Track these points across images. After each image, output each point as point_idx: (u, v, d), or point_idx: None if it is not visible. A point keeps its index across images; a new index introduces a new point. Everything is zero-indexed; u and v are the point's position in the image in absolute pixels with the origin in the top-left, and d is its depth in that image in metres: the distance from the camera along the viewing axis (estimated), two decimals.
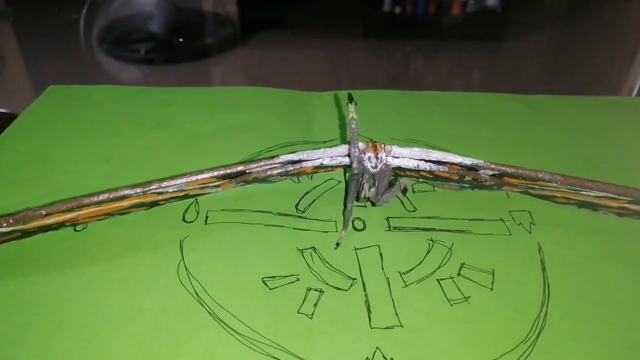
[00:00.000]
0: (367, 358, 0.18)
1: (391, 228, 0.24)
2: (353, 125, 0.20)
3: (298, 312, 0.19)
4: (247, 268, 0.21)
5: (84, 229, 0.23)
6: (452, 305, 0.20)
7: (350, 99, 0.19)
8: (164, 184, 0.20)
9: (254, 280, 0.21)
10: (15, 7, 0.55)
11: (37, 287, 0.20)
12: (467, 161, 0.21)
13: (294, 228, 0.23)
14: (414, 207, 0.25)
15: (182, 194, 0.22)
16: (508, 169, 0.21)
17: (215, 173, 0.20)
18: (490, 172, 0.22)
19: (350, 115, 0.19)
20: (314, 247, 0.22)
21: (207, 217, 0.24)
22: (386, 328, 0.19)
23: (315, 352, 0.18)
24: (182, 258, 0.21)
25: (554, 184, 0.21)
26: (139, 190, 0.20)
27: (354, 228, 0.23)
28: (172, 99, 0.35)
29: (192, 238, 0.23)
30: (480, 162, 0.21)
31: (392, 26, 0.55)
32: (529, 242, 0.23)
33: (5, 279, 0.20)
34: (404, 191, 0.20)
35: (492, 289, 0.21)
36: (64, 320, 0.18)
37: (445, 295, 0.20)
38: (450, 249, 0.23)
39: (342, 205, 0.24)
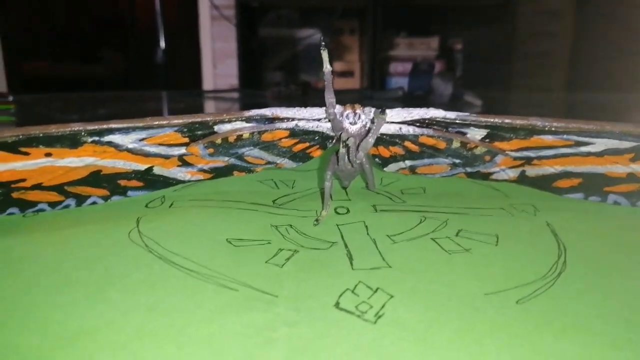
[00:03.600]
0: (347, 289, 0.15)
1: (378, 211, 0.21)
2: (327, 77, 0.19)
3: (266, 262, 0.16)
4: (209, 231, 0.19)
5: (34, 215, 0.21)
6: (450, 254, 0.17)
7: (323, 44, 0.19)
8: (121, 125, 0.18)
9: (216, 239, 0.18)
10: None
11: None
12: (451, 114, 0.20)
13: (269, 212, 0.21)
14: (403, 201, 0.23)
15: (143, 164, 0.20)
16: (496, 119, 0.19)
17: (181, 121, 0.19)
18: (478, 134, 0.20)
19: (325, 65, 0.19)
20: (290, 225, 0.20)
21: (171, 204, 0.22)
22: (371, 269, 0.16)
23: (283, 287, 0.15)
24: (137, 226, 0.19)
25: (549, 137, 0.20)
26: (94, 137, 0.18)
27: (336, 212, 0.21)
28: None
29: (152, 214, 0.20)
30: (464, 114, 0.20)
31: None
32: (535, 220, 0.21)
33: None
34: (382, 114, 0.18)
35: (496, 245, 0.18)
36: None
37: (442, 247, 0.17)
38: (445, 222, 0.20)
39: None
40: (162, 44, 1.25)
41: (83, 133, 0.18)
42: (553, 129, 0.19)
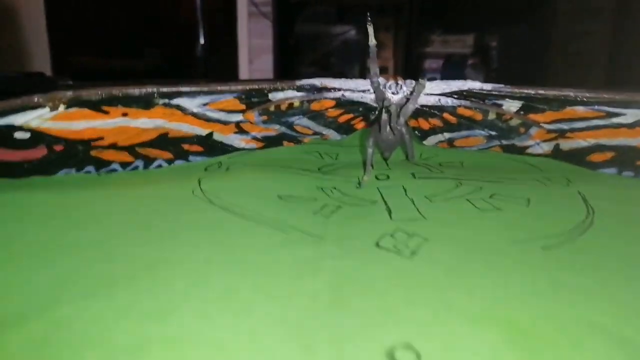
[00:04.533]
0: (386, 233, 0.16)
1: (416, 177, 0.23)
2: (372, 49, 0.21)
3: (313, 214, 0.18)
4: (262, 189, 0.21)
5: (107, 174, 0.23)
6: (482, 211, 0.18)
7: (370, 19, 0.20)
8: (189, 89, 0.20)
9: (269, 195, 0.20)
10: None
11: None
12: (487, 86, 0.21)
13: (315, 177, 0.23)
14: (441, 171, 0.24)
15: (205, 128, 0.23)
16: (530, 90, 0.21)
17: (240, 87, 0.21)
18: (513, 106, 0.22)
19: (370, 39, 0.20)
20: (334, 187, 0.22)
21: (228, 168, 0.24)
22: (408, 220, 0.18)
23: (328, 231, 0.17)
24: (199, 185, 0.21)
25: (581, 108, 0.21)
26: (165, 100, 0.20)
27: (377, 178, 0.23)
28: None
29: (211, 175, 0.23)
30: (500, 85, 0.21)
31: None
32: (567, 190, 0.22)
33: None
34: (423, 83, 0.20)
35: (527, 206, 0.19)
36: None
37: (475, 206, 0.19)
38: (480, 187, 0.21)
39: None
40: (202, 39, 1.29)
41: (156, 95, 0.20)
42: (585, 99, 0.20)
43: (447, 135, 0.24)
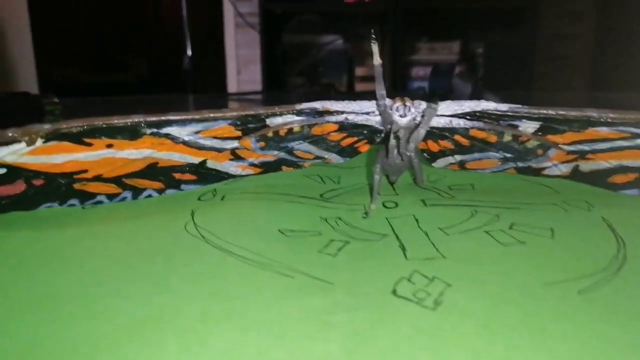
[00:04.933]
0: (403, 277, 0.15)
1: (427, 205, 0.21)
2: (378, 69, 0.19)
3: (319, 252, 0.17)
4: (261, 222, 0.19)
5: (93, 207, 0.21)
6: (505, 246, 0.17)
7: (373, 37, 0.19)
8: (179, 117, 0.19)
9: (268, 230, 0.18)
10: None
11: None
12: (503, 107, 0.19)
13: (317, 205, 0.21)
14: (452, 196, 0.23)
15: (197, 157, 0.21)
16: (550, 111, 0.19)
17: (235, 113, 0.19)
18: (530, 127, 0.20)
19: (375, 58, 0.19)
20: (339, 217, 0.20)
21: (223, 197, 0.22)
22: (425, 259, 0.16)
23: (339, 275, 0.15)
24: (192, 219, 0.19)
25: (604, 129, 0.19)
26: (153, 129, 0.19)
27: (384, 206, 0.21)
28: None
29: (205, 206, 0.21)
30: (517, 106, 0.19)
31: None
32: (589, 216, 0.20)
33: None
34: (434, 104, 0.18)
35: (552, 238, 0.18)
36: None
37: (496, 239, 0.17)
38: (497, 215, 0.20)
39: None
40: (189, 51, 1.27)
41: (143, 125, 0.18)
42: (609, 120, 0.19)
43: (457, 157, 0.22)
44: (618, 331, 0.12)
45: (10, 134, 0.17)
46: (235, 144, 0.21)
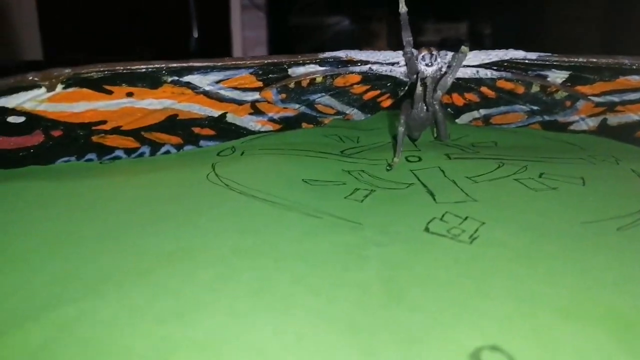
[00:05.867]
0: (435, 217, 0.14)
1: (451, 158, 0.21)
2: (404, 17, 0.19)
3: (345, 198, 0.16)
4: (284, 173, 0.19)
5: (110, 162, 0.21)
6: (536, 191, 0.16)
7: None
8: (201, 64, 0.18)
9: (292, 179, 0.18)
10: None
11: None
12: (532, 55, 0.19)
13: (339, 160, 0.21)
14: (476, 151, 0.22)
15: (217, 109, 0.20)
16: (581, 59, 0.19)
17: (257, 61, 0.19)
18: (559, 77, 0.19)
19: (401, 5, 0.18)
20: (362, 170, 0.20)
21: (242, 152, 0.22)
22: (456, 202, 0.15)
23: (367, 217, 0.15)
24: (213, 170, 0.19)
25: (636, 78, 0.19)
26: (174, 77, 0.18)
27: (408, 160, 0.21)
28: None
29: (226, 161, 0.20)
30: (546, 54, 0.19)
31: None
32: (618, 168, 0.20)
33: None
34: (465, 51, 0.18)
35: (584, 185, 0.17)
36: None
37: (527, 186, 0.17)
38: (525, 167, 0.19)
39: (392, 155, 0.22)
40: (195, 33, 1.26)
41: (164, 71, 0.18)
42: None
43: (482, 112, 0.22)
44: None
45: (30, 78, 0.17)
46: (256, 95, 0.20)
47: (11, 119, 0.18)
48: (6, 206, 0.16)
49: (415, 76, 0.19)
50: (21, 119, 0.18)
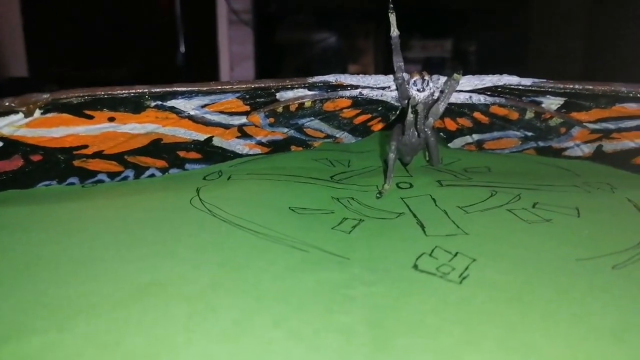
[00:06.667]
0: (424, 253, 0.14)
1: (443, 185, 0.20)
2: (395, 41, 0.18)
3: (332, 229, 0.16)
4: (271, 200, 0.18)
5: (93, 186, 0.21)
6: (529, 223, 0.16)
7: (391, 6, 0.18)
8: (185, 88, 0.18)
9: (279, 207, 0.18)
10: None
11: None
12: (526, 81, 0.19)
13: (328, 186, 0.20)
14: (469, 178, 0.22)
15: (203, 133, 0.20)
16: (576, 85, 0.18)
17: (244, 86, 0.18)
18: (554, 103, 0.19)
19: (392, 29, 0.18)
20: (352, 197, 0.19)
21: (229, 177, 0.21)
22: (446, 235, 0.15)
23: (355, 251, 0.14)
24: (197, 194, 0.19)
25: (633, 105, 0.18)
26: (158, 102, 0.18)
27: (398, 187, 0.20)
28: None
29: (211, 185, 0.20)
30: (541, 80, 0.19)
31: None
32: (614, 197, 0.19)
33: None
34: (457, 78, 0.17)
35: (578, 217, 0.17)
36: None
37: (520, 217, 0.17)
38: (518, 195, 0.19)
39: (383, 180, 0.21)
40: (182, 47, 1.27)
41: (147, 96, 0.18)
42: (639, 95, 0.18)
43: (475, 137, 0.21)
44: None
45: (7, 103, 0.16)
46: (243, 119, 0.20)
47: None
48: None
49: (406, 101, 0.19)
50: None
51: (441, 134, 0.21)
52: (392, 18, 0.18)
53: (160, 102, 0.18)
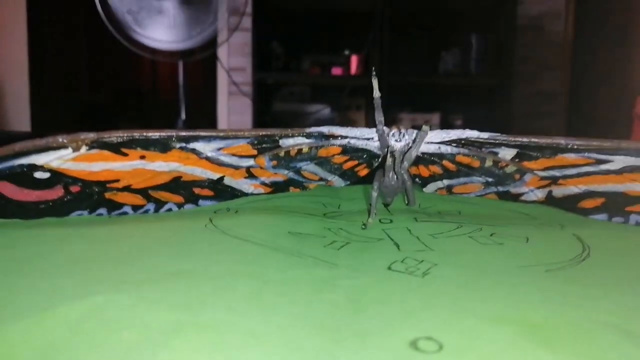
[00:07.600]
0: (397, 260, 0.17)
1: (419, 221, 0.24)
2: (377, 101, 0.23)
3: (324, 247, 0.19)
4: (272, 227, 0.22)
5: (118, 217, 0.24)
6: (485, 245, 0.20)
7: (374, 72, 0.22)
8: (206, 133, 0.22)
9: (279, 232, 0.21)
10: None
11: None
12: (484, 134, 0.23)
13: (321, 220, 0.24)
14: (441, 218, 0.26)
15: (217, 172, 0.24)
16: (524, 139, 0.23)
17: (254, 133, 0.23)
18: (508, 154, 0.23)
19: (375, 91, 0.23)
20: (340, 228, 0.23)
21: (237, 211, 0.25)
22: (416, 251, 0.19)
23: (341, 260, 0.18)
24: (211, 221, 0.22)
25: (572, 155, 0.22)
26: (182, 143, 0.22)
27: (381, 222, 0.24)
28: None
29: (221, 216, 0.24)
30: (496, 134, 0.23)
31: None
32: (562, 231, 0.23)
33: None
34: (426, 130, 0.21)
35: (526, 242, 0.20)
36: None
37: (478, 241, 0.20)
38: (480, 228, 0.23)
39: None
40: (183, 115, 1.33)
41: (174, 138, 0.22)
42: (575, 146, 0.22)
43: (445, 182, 0.25)
44: (579, 290, 0.15)
45: (60, 140, 0.20)
46: (251, 162, 0.24)
47: (37, 175, 0.21)
48: (25, 242, 0.19)
49: (386, 150, 0.23)
50: (46, 175, 0.21)
51: (416, 179, 0.25)
52: (375, 82, 0.22)
53: (184, 144, 0.22)
